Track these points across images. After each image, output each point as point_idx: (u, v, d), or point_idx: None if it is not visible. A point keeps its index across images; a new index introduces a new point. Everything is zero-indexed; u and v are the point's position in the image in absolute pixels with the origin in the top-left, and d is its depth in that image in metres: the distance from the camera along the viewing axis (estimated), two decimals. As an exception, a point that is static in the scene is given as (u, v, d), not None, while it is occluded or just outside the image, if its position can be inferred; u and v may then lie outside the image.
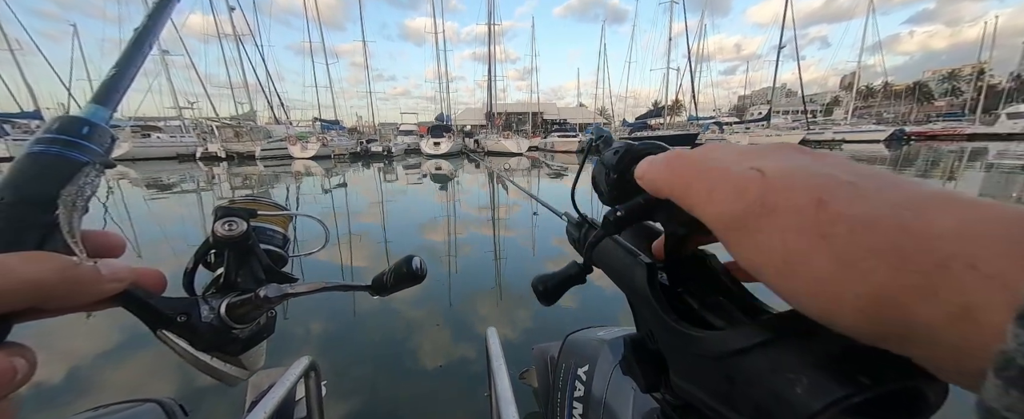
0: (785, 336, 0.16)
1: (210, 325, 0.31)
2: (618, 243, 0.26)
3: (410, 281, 0.38)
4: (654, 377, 0.23)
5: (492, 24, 33.88)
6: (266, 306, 0.33)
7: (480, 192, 10.09)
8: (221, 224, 0.34)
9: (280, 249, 0.42)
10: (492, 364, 0.77)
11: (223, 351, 0.32)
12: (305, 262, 4.16)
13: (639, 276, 0.22)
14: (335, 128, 31.52)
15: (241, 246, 0.35)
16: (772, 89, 35.67)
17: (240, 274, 0.36)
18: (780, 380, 0.15)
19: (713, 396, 0.18)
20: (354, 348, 2.49)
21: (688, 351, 0.19)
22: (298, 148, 22.03)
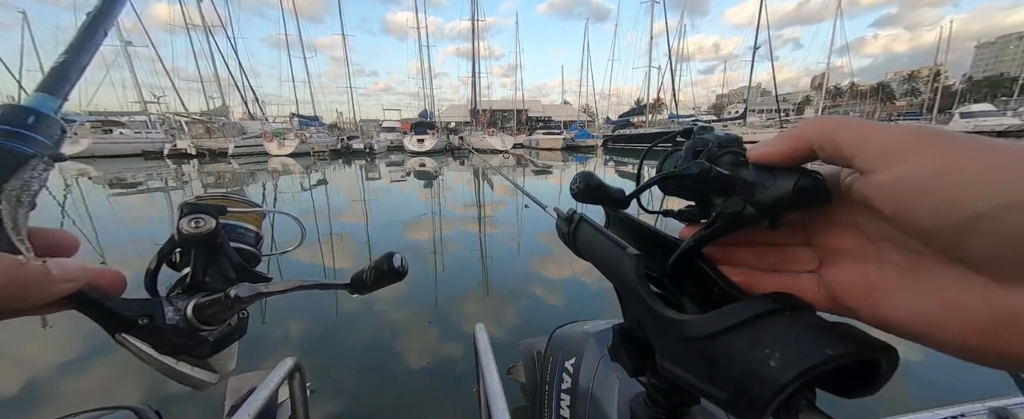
0: (759, 317, 0.17)
1: (175, 327, 0.30)
2: (607, 236, 0.26)
3: (391, 278, 0.37)
4: (641, 362, 0.24)
5: (476, 20, 33.56)
6: (237, 306, 0.31)
7: (465, 189, 10.03)
8: (187, 221, 0.32)
9: (252, 247, 0.40)
10: (481, 360, 0.78)
11: (190, 354, 0.31)
12: (283, 262, 4.04)
13: (627, 266, 0.23)
14: (314, 124, 30.53)
15: (209, 244, 0.34)
16: (748, 88, 36.95)
17: (208, 274, 0.34)
18: (755, 357, 0.16)
19: (697, 376, 0.19)
20: (339, 349, 2.45)
21: (673, 335, 0.20)
22: (275, 145, 21.24)
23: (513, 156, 20.95)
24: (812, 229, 0.20)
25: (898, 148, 0.14)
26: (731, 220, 0.20)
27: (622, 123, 32.76)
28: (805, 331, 0.17)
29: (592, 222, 0.28)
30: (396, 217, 6.52)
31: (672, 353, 0.21)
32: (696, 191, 0.23)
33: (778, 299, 0.18)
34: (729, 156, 0.21)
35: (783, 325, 0.17)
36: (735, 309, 0.18)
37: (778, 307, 0.18)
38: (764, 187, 0.19)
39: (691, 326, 0.19)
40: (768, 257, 0.21)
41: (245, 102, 30.06)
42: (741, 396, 0.17)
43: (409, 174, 13.60)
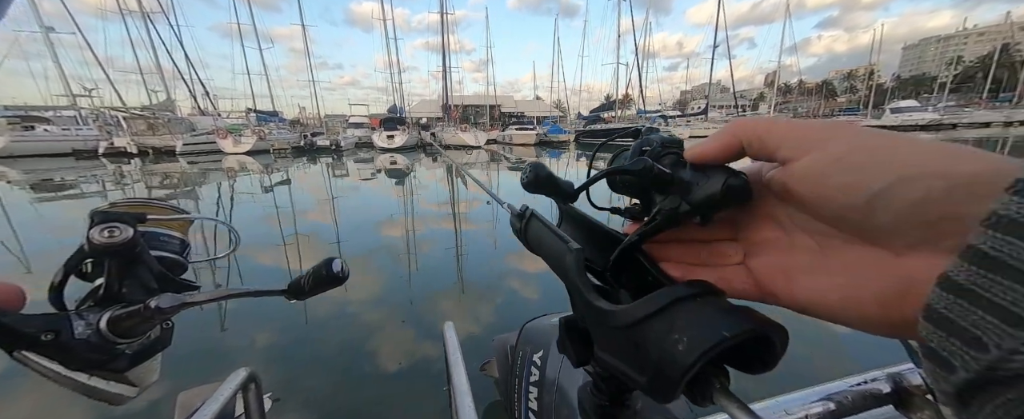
0: (674, 303, 0.19)
1: (86, 342, 0.28)
2: (553, 231, 0.27)
3: (330, 284, 0.37)
4: (584, 353, 0.25)
5: (445, 13, 32.82)
6: (159, 318, 0.30)
7: (439, 186, 9.86)
8: (99, 230, 0.31)
9: (177, 255, 0.38)
10: (449, 358, 0.77)
11: (105, 369, 0.30)
12: (243, 268, 3.79)
13: (569, 260, 0.24)
14: (274, 120, 28.71)
15: (125, 254, 0.32)
16: (709, 85, 38.89)
17: (125, 285, 0.32)
18: (668, 341, 0.18)
19: (625, 362, 0.20)
20: (308, 356, 2.33)
21: (605, 325, 0.21)
22: (229, 142, 19.79)
23: (487, 152, 20.82)
24: (738, 224, 0.22)
25: (812, 138, 0.16)
26: (669, 217, 0.22)
27: (593, 118, 33.47)
28: (710, 315, 0.18)
29: (541, 218, 0.29)
30: (367, 217, 6.30)
31: (606, 342, 0.22)
32: (639, 189, 0.25)
33: (693, 286, 0.20)
34: (670, 156, 0.23)
35: (693, 310, 0.18)
36: (654, 298, 0.19)
37: (692, 293, 0.19)
38: (698, 186, 0.21)
39: (618, 316, 0.20)
40: (701, 253, 0.23)
41: (194, 96, 27.66)
42: (656, 379, 0.18)
43: (379, 172, 13.16)
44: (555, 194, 0.27)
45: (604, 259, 0.27)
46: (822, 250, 0.18)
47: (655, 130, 0.26)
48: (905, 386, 0.50)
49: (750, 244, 0.21)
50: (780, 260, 0.20)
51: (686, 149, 0.22)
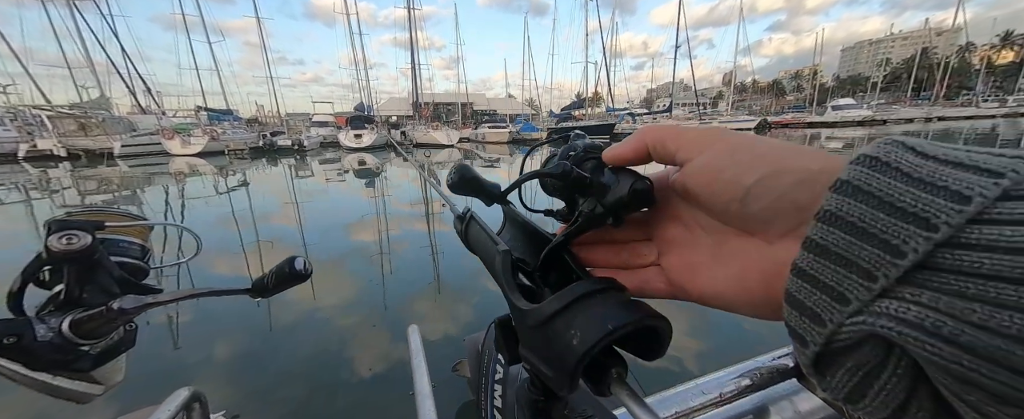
0: (576, 301, 0.20)
1: (49, 344, 0.30)
2: (486, 233, 0.28)
3: (293, 280, 0.38)
4: (516, 351, 0.25)
5: (412, 8, 31.96)
6: (122, 319, 0.32)
7: (411, 186, 9.63)
8: (57, 238, 0.31)
9: (138, 261, 0.38)
10: (413, 362, 0.77)
11: (70, 369, 0.31)
12: (203, 275, 3.51)
13: (497, 261, 0.26)
14: (228, 119, 26.76)
15: (84, 260, 0.33)
16: (672, 84, 40.65)
17: (87, 290, 0.33)
18: (567, 337, 0.19)
19: (539, 358, 0.22)
20: (275, 367, 2.21)
21: (524, 324, 0.23)
22: (177, 143, 18.23)
23: (460, 150, 20.58)
24: (651, 226, 0.24)
25: (703, 141, 0.19)
26: (588, 218, 0.23)
27: (564, 116, 33.98)
28: (601, 310, 0.19)
29: (479, 220, 0.31)
30: (336, 219, 6.04)
31: (527, 340, 0.23)
32: (565, 192, 0.25)
33: (595, 283, 0.21)
34: (591, 161, 0.24)
35: (589, 306, 0.20)
36: (559, 296, 0.21)
37: (591, 290, 0.20)
38: (611, 190, 0.22)
39: (532, 314, 0.21)
40: (621, 253, 0.25)
41: (133, 93, 25.19)
42: (557, 371, 0.19)
43: (347, 172, 12.65)
44: (481, 195, 0.27)
45: (535, 256, 0.28)
46: (717, 245, 0.19)
47: (581, 136, 0.27)
48: None
49: (662, 243, 0.23)
50: (685, 257, 0.21)
51: (604, 151, 0.23)
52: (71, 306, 0.32)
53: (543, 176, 0.24)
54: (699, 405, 0.51)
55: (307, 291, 3.24)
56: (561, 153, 0.26)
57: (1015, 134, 17.76)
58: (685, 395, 0.51)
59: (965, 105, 38.09)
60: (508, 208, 0.32)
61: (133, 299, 0.31)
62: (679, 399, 0.51)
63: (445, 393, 0.72)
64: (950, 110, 35.43)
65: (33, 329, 0.29)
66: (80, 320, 0.31)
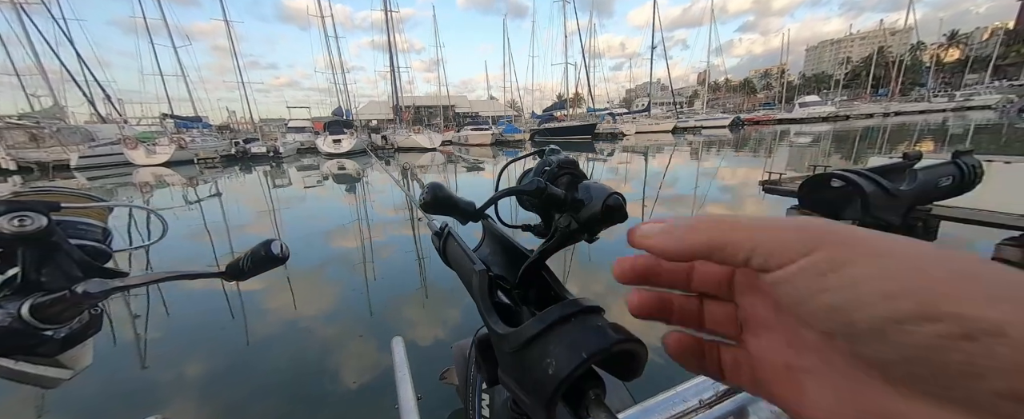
0: (549, 327, 0.20)
1: (8, 329, 0.29)
2: (464, 250, 0.28)
3: (269, 264, 0.37)
4: (495, 372, 0.24)
5: (389, 10, 31.51)
6: (87, 302, 0.31)
7: (394, 190, 9.46)
8: (8, 219, 0.30)
9: (98, 243, 0.37)
10: (396, 374, 0.76)
11: (33, 354, 0.31)
12: (172, 291, 3.32)
13: (474, 280, 0.25)
14: (197, 126, 25.57)
15: (41, 243, 0.32)
16: (650, 84, 41.68)
17: (45, 273, 0.32)
18: (542, 364, 0.19)
19: (515, 383, 0.21)
20: (252, 383, 2.10)
21: (502, 348, 0.22)
22: (141, 153, 17.28)
23: (442, 153, 20.39)
24: (735, 288, 0.19)
25: (790, 246, 0.14)
26: (564, 235, 0.23)
27: (547, 117, 34.24)
28: (577, 336, 0.19)
29: (457, 236, 0.31)
30: (316, 227, 5.86)
31: (503, 363, 0.23)
32: (540, 207, 0.25)
33: (568, 306, 0.20)
34: (566, 177, 0.24)
35: (564, 332, 0.19)
36: (533, 322, 0.20)
37: (566, 314, 0.20)
38: (585, 204, 0.22)
39: (510, 339, 0.21)
40: (696, 312, 0.20)
41: (91, 101, 23.72)
42: (534, 399, 0.19)
43: (326, 178, 12.31)
44: (455, 214, 0.26)
45: (515, 272, 0.27)
46: (828, 357, 0.14)
47: (556, 151, 0.27)
48: None
49: (748, 319, 0.18)
50: (780, 354, 0.16)
51: (640, 234, 0.18)
52: (29, 290, 0.31)
53: (517, 193, 0.23)
54: (680, 412, 0.51)
55: (288, 300, 3.12)
56: (536, 169, 0.25)
57: (963, 126, 19.11)
58: (666, 404, 0.51)
59: (918, 100, 40.67)
60: (487, 221, 0.31)
61: (98, 283, 0.30)
62: (660, 408, 0.51)
63: (433, 403, 0.70)
64: (905, 105, 37.78)
65: None
66: (41, 304, 0.30)
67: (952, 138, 14.17)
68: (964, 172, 0.66)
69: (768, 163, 10.45)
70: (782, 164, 9.84)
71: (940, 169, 0.66)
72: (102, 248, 0.37)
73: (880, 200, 0.55)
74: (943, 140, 13.75)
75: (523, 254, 0.28)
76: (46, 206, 0.31)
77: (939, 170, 0.66)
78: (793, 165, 9.40)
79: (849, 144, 14.72)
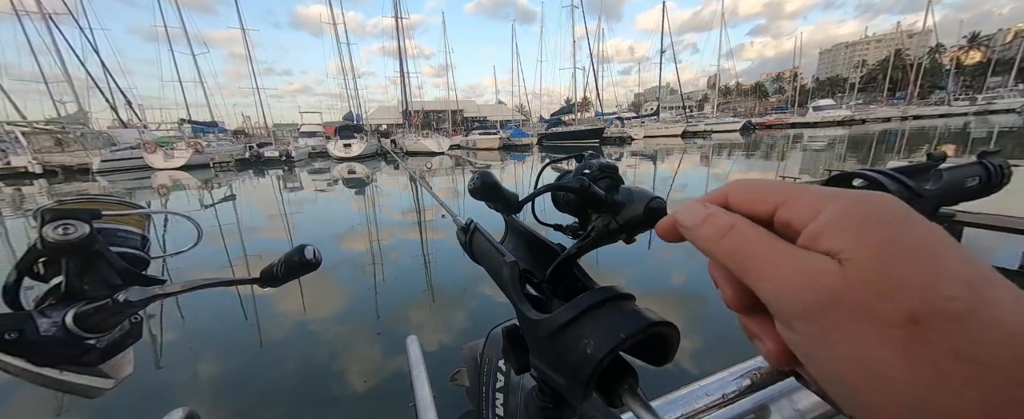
0: (585, 312, 0.20)
1: (54, 338, 0.29)
2: (492, 244, 0.29)
3: (303, 269, 0.38)
4: (524, 360, 0.25)
5: (399, 17, 32.08)
6: (129, 311, 0.31)
7: (403, 194, 9.56)
8: (53, 228, 0.30)
9: (138, 250, 0.37)
10: (412, 373, 0.76)
11: (77, 363, 0.31)
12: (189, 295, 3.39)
13: (504, 272, 0.26)
14: (213, 131, 26.29)
15: (84, 251, 0.32)
16: (659, 88, 41.47)
17: (88, 282, 0.33)
18: (579, 346, 0.19)
19: (550, 367, 0.22)
20: (264, 384, 2.13)
21: (534, 334, 0.23)
22: (160, 157, 17.81)
23: (451, 157, 20.55)
24: None
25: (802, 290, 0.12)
26: (601, 233, 0.24)
27: (554, 121, 34.29)
28: (611, 319, 0.20)
29: (483, 231, 0.31)
30: (326, 230, 5.94)
31: (537, 349, 0.23)
32: (578, 207, 0.26)
33: (601, 293, 0.21)
34: (606, 180, 0.24)
35: (599, 316, 0.20)
36: (568, 307, 0.21)
37: (599, 300, 0.21)
38: (626, 206, 0.22)
39: (544, 325, 0.22)
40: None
41: (114, 107, 24.60)
42: (571, 381, 0.20)
43: (337, 182, 12.51)
44: (500, 202, 0.27)
45: (543, 270, 0.28)
46: None
47: (595, 155, 0.27)
48: None
49: None
50: None
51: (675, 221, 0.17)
52: (73, 299, 0.31)
53: (562, 189, 0.24)
54: (703, 406, 0.51)
55: (297, 303, 3.16)
56: (576, 170, 0.26)
57: (986, 130, 18.52)
58: (689, 398, 0.51)
59: (938, 104, 39.62)
60: (511, 218, 0.32)
61: (140, 291, 0.30)
62: (684, 402, 0.51)
63: (444, 404, 0.70)
64: (925, 109, 36.86)
65: (35, 323, 0.28)
66: (85, 313, 0.30)
67: (974, 142, 13.74)
68: (991, 172, 0.64)
69: (781, 167, 10.27)
70: (795, 168, 9.66)
71: (966, 169, 0.64)
72: (141, 255, 0.37)
73: (905, 199, 0.54)
74: (965, 144, 13.34)
75: (551, 249, 0.29)
76: (89, 214, 0.31)
77: (965, 170, 0.64)
78: (807, 169, 9.21)
79: (865, 148, 14.39)
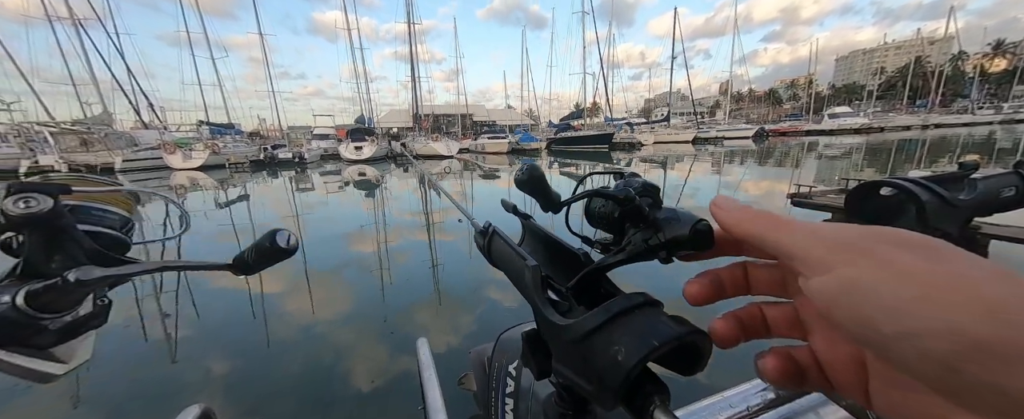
0: (614, 317, 0.20)
1: (3, 317, 0.27)
2: (512, 248, 0.29)
3: (277, 257, 0.35)
4: (545, 365, 0.25)
5: (412, 23, 32.65)
6: (79, 291, 0.29)
7: (412, 196, 9.64)
8: (13, 201, 0.28)
9: (116, 232, 0.35)
10: (423, 375, 0.75)
11: (26, 345, 0.28)
12: (195, 290, 3.46)
13: (527, 276, 0.26)
14: (230, 133, 27.01)
15: (48, 226, 0.30)
16: (669, 94, 41.21)
17: (53, 259, 0.31)
18: (610, 352, 0.19)
19: (576, 372, 0.22)
20: (271, 384, 2.14)
21: (559, 338, 0.23)
22: (178, 157, 18.33)
23: (459, 161, 20.68)
24: (787, 287, 0.19)
25: (820, 256, 0.14)
26: (642, 250, 0.23)
27: (563, 126, 34.27)
28: (643, 325, 0.20)
29: (503, 235, 0.31)
30: (336, 230, 6.01)
31: (561, 354, 0.23)
32: (614, 222, 0.26)
33: (631, 298, 0.21)
34: (648, 198, 0.25)
35: (630, 322, 0.20)
36: (597, 312, 0.21)
37: (630, 306, 0.21)
38: (669, 225, 0.22)
39: (571, 329, 0.21)
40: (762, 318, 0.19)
41: (137, 109, 25.49)
42: (601, 387, 0.19)
43: (348, 184, 12.68)
44: (542, 198, 0.27)
45: (563, 274, 0.28)
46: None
47: (636, 175, 0.28)
48: None
49: (809, 317, 0.17)
50: (849, 349, 0.15)
51: (720, 207, 0.19)
52: (31, 276, 0.30)
53: (607, 196, 0.24)
54: (727, 418, 0.49)
55: (305, 304, 3.19)
56: (618, 185, 0.26)
57: (1012, 140, 17.86)
58: (712, 409, 0.50)
59: (961, 112, 38.43)
60: (529, 222, 0.32)
61: (90, 270, 0.28)
62: (707, 413, 0.49)
63: (452, 408, 0.69)
64: (947, 117, 35.74)
65: None
66: (36, 292, 0.28)
67: (1000, 152, 13.24)
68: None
69: (795, 175, 10.05)
70: (810, 177, 9.44)
71: (1002, 179, 0.61)
72: (120, 237, 0.35)
73: (938, 209, 0.51)
74: (990, 154, 12.87)
75: (573, 255, 0.29)
76: (56, 188, 0.30)
77: (1001, 180, 0.61)
78: (823, 178, 8.99)
79: (884, 157, 13.99)
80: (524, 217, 0.31)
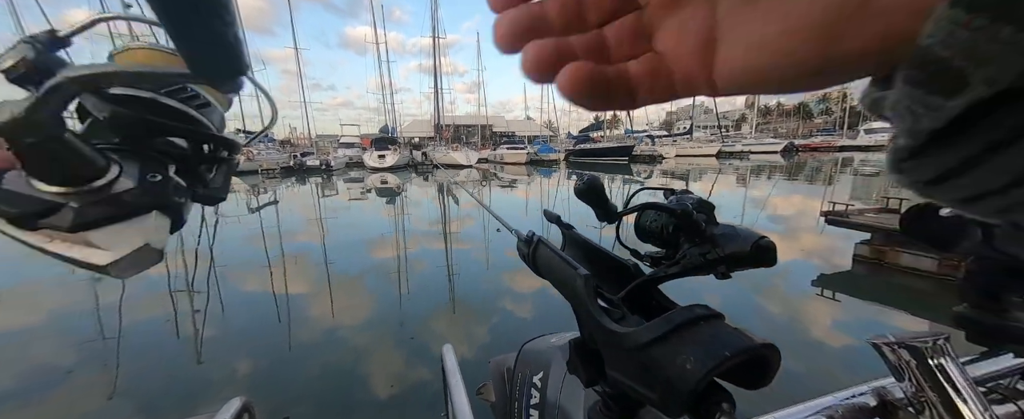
0: (679, 327, 0.21)
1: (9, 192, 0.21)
2: (561, 257, 0.29)
3: None
4: (594, 373, 0.26)
5: (437, 37, 33.88)
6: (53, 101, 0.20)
7: (431, 205, 9.82)
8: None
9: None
10: (449, 381, 0.76)
11: (50, 226, 0.21)
12: (225, 294, 3.63)
13: (579, 285, 0.26)
14: (264, 140, 28.59)
15: None
16: (693, 106, 40.52)
17: None
18: (676, 361, 0.20)
19: (635, 380, 0.22)
20: (292, 385, 2.21)
21: (617, 346, 0.23)
22: (216, 163, 19.54)
23: (478, 170, 20.96)
24: None
25: None
26: (697, 261, 0.24)
27: (582, 138, 34.21)
28: (712, 336, 0.20)
29: (549, 244, 0.31)
30: (357, 236, 6.19)
31: (617, 362, 0.23)
32: (666, 236, 0.26)
33: (694, 309, 0.22)
34: (703, 214, 0.25)
35: (697, 333, 0.20)
36: (660, 322, 0.21)
37: (693, 318, 0.21)
38: (729, 240, 0.23)
39: (630, 337, 0.22)
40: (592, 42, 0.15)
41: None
42: (667, 395, 0.20)
43: (370, 191, 13.08)
44: (599, 208, 0.28)
45: (608, 284, 0.29)
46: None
47: (689, 193, 0.28)
48: (889, 399, 0.51)
49: (656, 15, 0.14)
50: (697, 27, 0.13)
51: None
52: None
53: (663, 209, 0.25)
54: None
55: (326, 308, 3.28)
56: (671, 202, 0.27)
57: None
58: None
59: (1014, 127, 35.56)
60: (572, 232, 0.33)
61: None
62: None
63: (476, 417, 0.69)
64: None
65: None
66: None
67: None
68: None
69: (828, 192, 9.57)
70: (844, 194, 8.97)
71: None
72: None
73: (1007, 231, 0.48)
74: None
75: (621, 265, 0.30)
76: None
77: None
78: (859, 196, 8.52)
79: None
80: (566, 227, 0.32)
